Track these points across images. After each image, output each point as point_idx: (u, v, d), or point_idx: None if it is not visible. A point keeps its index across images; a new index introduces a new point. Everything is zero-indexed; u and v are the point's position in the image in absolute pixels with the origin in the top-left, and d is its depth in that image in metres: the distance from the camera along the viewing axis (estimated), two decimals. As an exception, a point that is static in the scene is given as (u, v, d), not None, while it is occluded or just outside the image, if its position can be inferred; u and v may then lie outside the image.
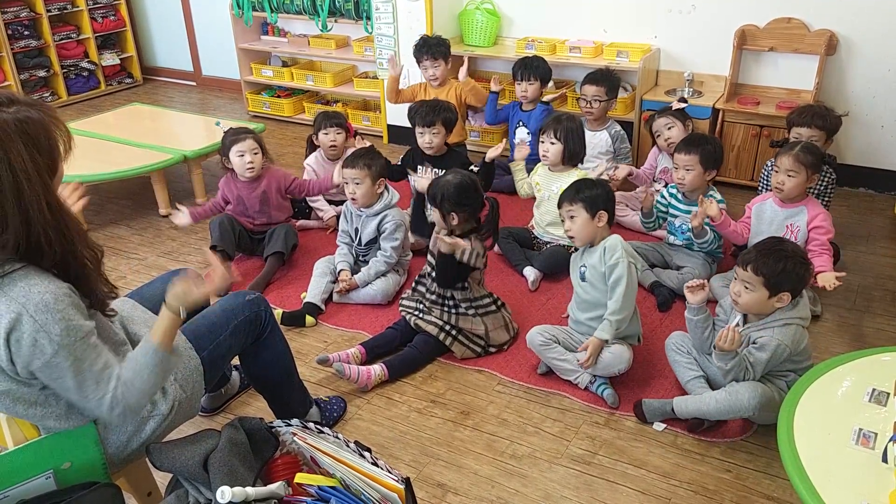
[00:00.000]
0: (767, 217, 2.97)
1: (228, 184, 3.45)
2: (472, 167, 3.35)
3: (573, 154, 3.31)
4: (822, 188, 3.22)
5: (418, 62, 4.28)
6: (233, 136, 3.40)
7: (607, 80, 3.84)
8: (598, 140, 3.86)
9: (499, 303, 2.87)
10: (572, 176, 3.27)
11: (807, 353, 2.31)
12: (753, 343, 2.25)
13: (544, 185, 3.39)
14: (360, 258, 3.27)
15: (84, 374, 1.54)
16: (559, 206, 2.60)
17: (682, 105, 3.61)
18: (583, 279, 2.58)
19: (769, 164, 3.40)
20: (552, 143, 3.31)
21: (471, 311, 2.77)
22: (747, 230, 3.03)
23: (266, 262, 3.35)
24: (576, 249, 2.70)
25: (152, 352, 1.63)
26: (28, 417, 1.62)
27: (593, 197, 2.52)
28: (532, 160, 3.59)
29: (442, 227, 2.77)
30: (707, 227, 3.04)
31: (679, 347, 2.53)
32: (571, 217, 2.54)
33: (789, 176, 2.84)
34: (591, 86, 3.83)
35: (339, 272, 3.17)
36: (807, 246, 2.84)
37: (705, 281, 2.40)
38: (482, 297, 2.81)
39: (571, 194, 2.56)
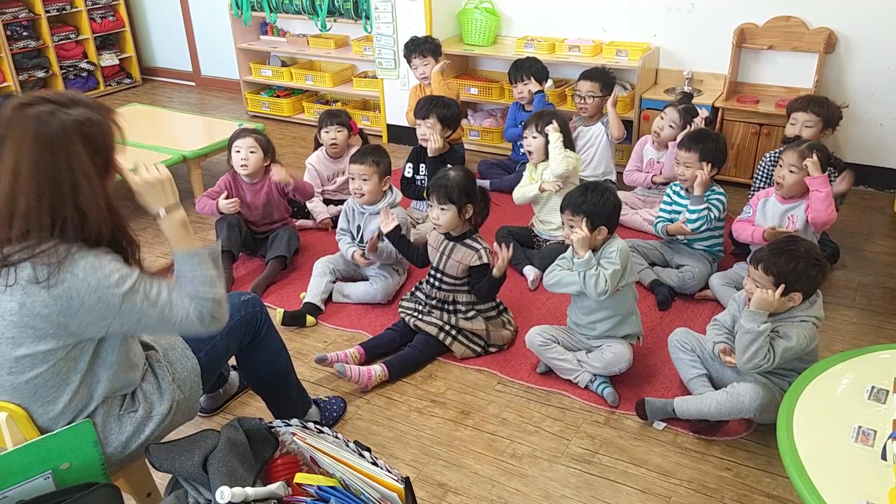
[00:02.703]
0: (770, 212, 2.99)
1: (236, 182, 3.45)
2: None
3: None
4: None
5: (409, 62, 4.29)
6: (237, 133, 3.42)
7: (602, 76, 3.86)
8: (593, 133, 3.89)
9: (500, 307, 2.87)
10: None
11: (815, 354, 2.30)
12: (776, 332, 2.21)
13: (537, 176, 3.44)
14: (362, 256, 3.27)
15: (158, 302, 1.60)
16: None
17: (700, 124, 3.57)
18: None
19: (766, 158, 3.40)
20: (534, 138, 3.37)
21: (471, 313, 2.78)
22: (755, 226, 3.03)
23: (267, 264, 3.35)
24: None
25: (186, 258, 1.68)
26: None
27: (597, 211, 2.43)
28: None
29: (450, 227, 2.73)
30: (700, 217, 3.03)
31: (682, 345, 2.52)
32: (571, 227, 2.48)
33: (791, 172, 2.84)
34: (585, 82, 3.86)
35: (352, 254, 3.14)
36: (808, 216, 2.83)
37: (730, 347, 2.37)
38: (485, 302, 2.81)
39: (577, 202, 2.46)
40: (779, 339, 2.19)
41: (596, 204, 2.44)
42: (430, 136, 3.55)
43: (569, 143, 3.38)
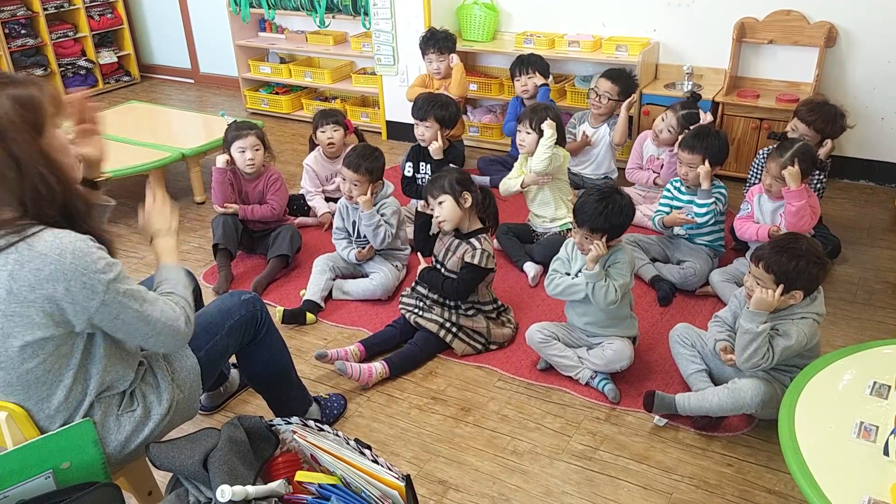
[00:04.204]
0: (763, 208, 3.00)
1: (236, 176, 3.45)
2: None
3: None
4: (811, 185, 3.20)
5: (423, 54, 4.27)
6: (235, 132, 3.40)
7: (624, 80, 3.79)
8: (599, 134, 3.88)
9: (501, 308, 2.87)
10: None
11: (816, 350, 2.29)
12: (775, 330, 2.21)
13: (526, 169, 3.43)
14: (360, 252, 3.27)
15: (138, 296, 1.62)
16: (579, 224, 2.45)
17: (705, 118, 3.58)
18: None
19: (759, 156, 3.39)
20: (528, 133, 3.36)
21: (471, 311, 2.77)
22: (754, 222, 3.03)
23: (269, 262, 3.35)
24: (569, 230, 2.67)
25: (170, 267, 1.83)
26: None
27: (616, 225, 2.42)
28: None
29: (454, 220, 2.71)
30: (709, 210, 3.04)
31: (683, 340, 2.52)
32: (587, 238, 2.45)
33: (776, 180, 2.85)
34: (606, 81, 3.80)
35: (354, 256, 3.17)
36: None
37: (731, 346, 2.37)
38: (486, 303, 2.81)
39: (598, 222, 2.39)
40: (778, 337, 2.19)
41: (616, 222, 2.43)
42: (428, 136, 3.53)
43: (561, 140, 3.36)
